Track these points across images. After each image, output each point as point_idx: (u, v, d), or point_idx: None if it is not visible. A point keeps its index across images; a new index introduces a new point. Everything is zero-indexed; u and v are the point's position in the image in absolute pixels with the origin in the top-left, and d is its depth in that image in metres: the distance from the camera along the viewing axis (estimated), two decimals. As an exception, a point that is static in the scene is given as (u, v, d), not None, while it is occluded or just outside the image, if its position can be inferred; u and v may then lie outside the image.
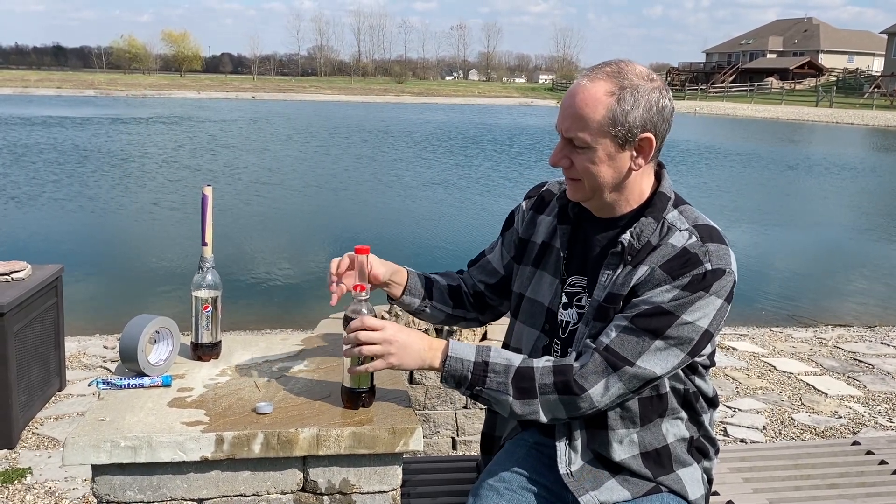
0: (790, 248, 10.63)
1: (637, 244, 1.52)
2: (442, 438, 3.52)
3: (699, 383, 1.61)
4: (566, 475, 1.56)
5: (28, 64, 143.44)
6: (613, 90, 1.47)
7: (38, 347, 3.79)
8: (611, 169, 1.51)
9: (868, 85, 60.76)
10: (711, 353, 1.62)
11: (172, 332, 1.76)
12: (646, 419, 1.56)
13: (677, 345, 1.46)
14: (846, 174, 19.07)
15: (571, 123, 1.50)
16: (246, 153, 19.59)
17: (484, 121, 36.41)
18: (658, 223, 1.53)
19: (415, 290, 1.79)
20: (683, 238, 1.50)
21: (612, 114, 1.46)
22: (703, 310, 1.46)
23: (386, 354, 1.50)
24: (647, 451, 1.57)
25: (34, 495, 3.11)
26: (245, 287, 7.45)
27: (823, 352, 5.45)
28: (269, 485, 1.50)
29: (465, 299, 1.84)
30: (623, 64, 1.50)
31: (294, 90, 68.58)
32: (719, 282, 1.46)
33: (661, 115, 1.50)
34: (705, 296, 1.45)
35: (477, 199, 13.17)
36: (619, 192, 1.56)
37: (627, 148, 1.50)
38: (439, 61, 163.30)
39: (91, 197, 12.32)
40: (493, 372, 1.49)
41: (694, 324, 1.46)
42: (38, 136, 21.83)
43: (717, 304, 1.47)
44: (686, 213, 1.55)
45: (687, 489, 1.58)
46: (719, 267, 1.46)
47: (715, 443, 1.69)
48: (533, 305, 1.69)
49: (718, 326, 1.50)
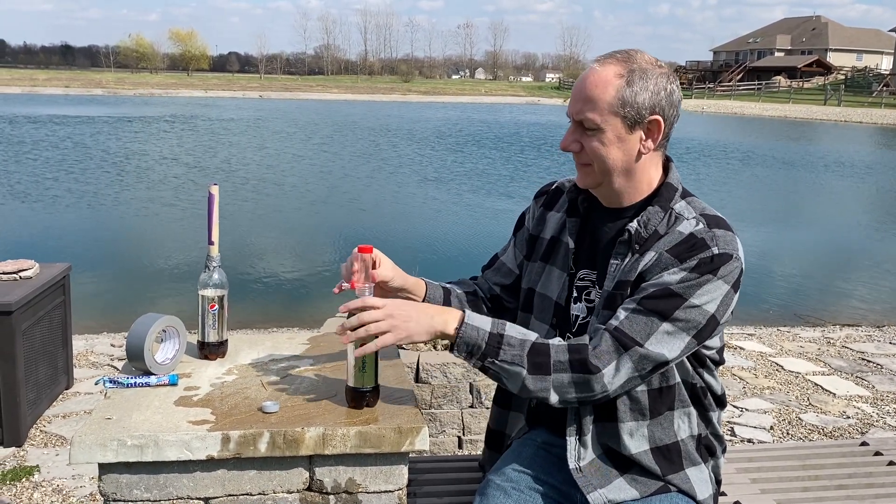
0: (797, 247, 10.58)
1: (644, 232, 1.54)
2: (448, 438, 3.52)
3: (708, 379, 1.60)
4: (575, 470, 1.56)
5: (36, 63, 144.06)
6: (622, 72, 1.50)
7: (45, 346, 3.80)
8: (620, 151, 1.53)
9: (877, 83, 60.46)
10: (720, 349, 1.62)
11: (179, 330, 1.76)
12: (655, 411, 1.55)
13: (685, 329, 1.46)
14: (854, 172, 18.98)
15: (582, 105, 1.52)
16: (252, 151, 19.62)
17: (488, 118, 36.40)
18: (665, 213, 1.55)
19: (435, 301, 1.76)
20: (691, 225, 1.51)
21: (622, 94, 1.49)
22: (711, 294, 1.46)
23: (393, 328, 1.46)
24: (657, 447, 1.56)
25: (41, 493, 3.13)
26: (251, 286, 7.46)
27: (831, 351, 5.43)
28: (275, 484, 1.50)
29: (482, 305, 1.83)
30: (633, 51, 1.55)
31: (301, 89, 68.68)
32: (726, 266, 1.46)
33: (669, 99, 1.53)
34: (713, 279, 1.46)
35: (480, 198, 13.17)
36: (628, 179, 1.57)
37: (636, 130, 1.52)
38: (446, 60, 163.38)
39: (98, 195, 12.36)
40: (508, 345, 1.47)
41: (701, 307, 1.46)
42: (45, 135, 21.91)
43: (725, 289, 1.47)
44: (693, 203, 1.57)
45: (695, 489, 1.57)
46: (726, 252, 1.47)
47: (723, 441, 1.68)
48: (543, 300, 1.69)
49: (725, 314, 1.50)
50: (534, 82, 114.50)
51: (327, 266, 8.40)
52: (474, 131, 28.43)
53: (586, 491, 1.54)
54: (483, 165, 17.76)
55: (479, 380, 3.48)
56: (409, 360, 3.43)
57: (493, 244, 1.93)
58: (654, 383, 1.54)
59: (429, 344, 3.54)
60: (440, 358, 3.47)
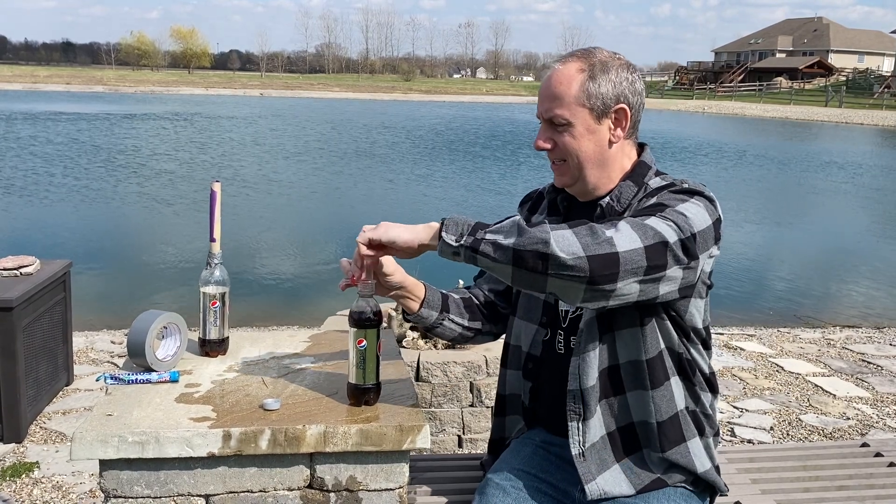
0: (798, 248, 10.58)
1: (618, 206, 1.58)
2: (448, 437, 3.52)
3: (694, 354, 1.59)
4: (578, 456, 1.55)
5: (37, 60, 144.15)
6: (584, 67, 1.56)
7: (46, 342, 3.80)
8: (591, 142, 1.57)
9: (878, 85, 60.42)
10: (707, 328, 1.60)
11: (180, 327, 1.76)
12: (656, 381, 1.53)
13: (675, 224, 1.41)
14: (856, 174, 18.97)
15: (549, 103, 1.57)
16: (253, 149, 19.62)
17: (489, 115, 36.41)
18: (640, 188, 1.59)
19: (433, 303, 1.75)
20: (659, 183, 1.58)
21: (586, 87, 1.55)
22: (690, 210, 1.45)
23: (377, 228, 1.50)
24: (661, 421, 1.55)
25: (41, 489, 3.13)
26: (253, 283, 7.46)
27: (831, 353, 5.43)
28: (275, 481, 1.50)
29: (478, 311, 1.82)
30: (591, 48, 1.61)
31: (302, 87, 68.71)
32: (701, 195, 1.51)
33: (632, 87, 1.58)
34: (689, 199, 1.49)
35: (479, 197, 13.17)
36: (602, 169, 1.60)
37: (604, 120, 1.57)
38: (447, 59, 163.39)
39: (99, 192, 12.37)
40: (498, 224, 1.41)
41: (687, 218, 1.43)
42: (46, 132, 21.92)
43: (704, 211, 1.47)
44: (667, 177, 1.62)
45: (695, 462, 1.57)
46: (697, 187, 1.53)
47: (715, 424, 1.66)
48: (529, 300, 1.70)
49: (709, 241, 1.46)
50: (535, 82, 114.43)
51: (328, 264, 8.40)
52: (473, 129, 28.42)
53: (585, 480, 1.53)
54: (481, 164, 17.76)
55: (480, 379, 3.48)
56: (410, 359, 3.42)
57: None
58: (646, 352, 1.52)
59: (429, 343, 3.54)
60: (440, 357, 3.47)
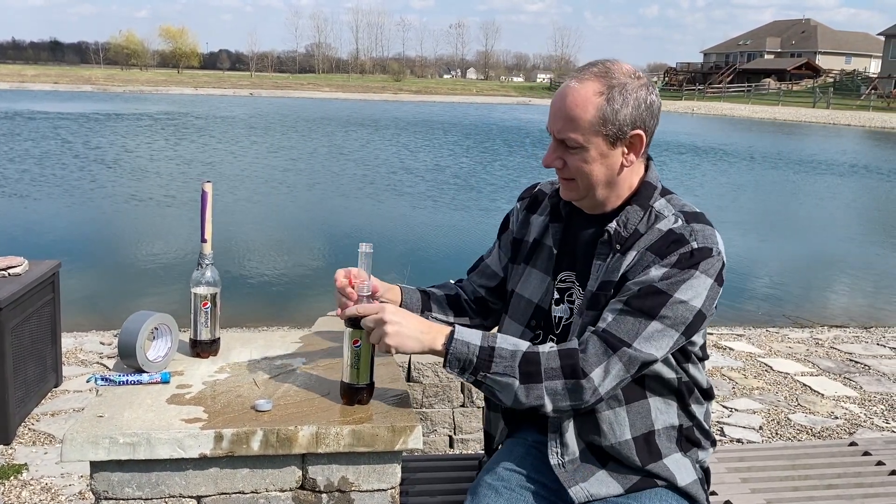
0: (786, 248, 10.64)
1: (624, 232, 1.56)
2: (439, 437, 3.52)
3: (693, 373, 1.61)
4: (557, 466, 1.57)
5: (25, 59, 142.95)
6: (602, 90, 1.51)
7: (34, 343, 3.78)
8: (603, 167, 1.55)
9: (865, 86, 60.87)
10: (703, 346, 1.62)
11: (171, 328, 1.76)
12: (630, 398, 1.56)
13: (673, 325, 1.47)
14: (843, 174, 19.10)
15: (563, 125, 1.53)
16: (244, 149, 19.55)
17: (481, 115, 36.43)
18: (645, 211, 1.57)
19: (412, 305, 1.78)
20: (670, 222, 1.53)
21: (603, 113, 1.50)
22: (695, 289, 1.47)
23: (383, 336, 1.47)
24: (637, 437, 1.56)
25: (30, 491, 3.11)
26: (244, 284, 7.44)
27: (820, 352, 5.46)
28: (267, 482, 1.50)
29: (465, 307, 1.84)
30: (609, 63, 1.54)
31: (292, 87, 68.51)
32: (707, 261, 1.48)
33: (650, 111, 1.54)
34: (695, 273, 1.47)
35: (473, 197, 13.18)
36: (611, 189, 1.59)
37: (619, 146, 1.54)
38: (437, 59, 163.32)
39: (89, 192, 12.29)
40: (500, 357, 1.47)
41: (688, 303, 1.47)
42: (34, 131, 21.75)
43: (708, 283, 1.48)
44: (673, 201, 1.59)
45: (675, 475, 1.58)
46: (706, 246, 1.49)
47: (709, 435, 1.68)
48: (520, 301, 1.71)
49: (711, 308, 1.51)
50: (525, 82, 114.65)
51: (320, 264, 8.38)
52: (468, 128, 28.43)
53: (568, 486, 1.55)
54: (473, 164, 17.77)
55: (471, 379, 3.48)
56: (401, 360, 3.42)
57: (486, 242, 1.93)
58: None
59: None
60: (432, 357, 3.46)
